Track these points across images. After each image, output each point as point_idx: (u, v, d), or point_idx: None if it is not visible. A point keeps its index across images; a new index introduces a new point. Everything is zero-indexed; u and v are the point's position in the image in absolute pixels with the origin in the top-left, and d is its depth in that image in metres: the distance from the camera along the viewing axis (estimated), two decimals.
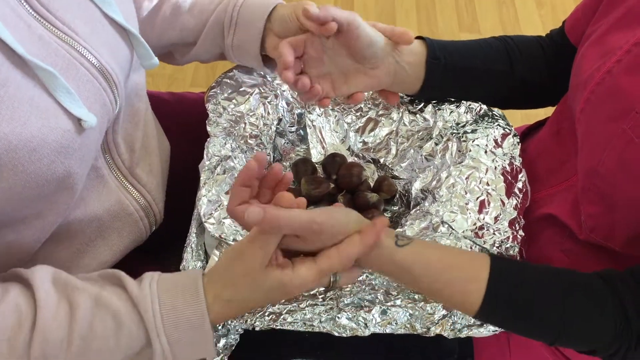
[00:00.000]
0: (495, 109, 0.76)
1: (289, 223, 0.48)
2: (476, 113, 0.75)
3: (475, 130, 0.73)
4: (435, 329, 0.60)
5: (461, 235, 0.64)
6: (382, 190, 0.75)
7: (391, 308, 0.60)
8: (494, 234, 0.65)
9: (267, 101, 0.76)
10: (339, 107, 0.81)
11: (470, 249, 0.64)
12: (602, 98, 0.59)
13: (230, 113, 0.73)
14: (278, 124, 0.78)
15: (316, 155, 0.81)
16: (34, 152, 0.46)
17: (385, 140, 0.80)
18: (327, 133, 0.81)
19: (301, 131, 0.81)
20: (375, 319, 0.60)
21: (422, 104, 0.78)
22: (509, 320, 0.56)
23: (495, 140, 0.72)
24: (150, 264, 0.74)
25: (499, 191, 0.67)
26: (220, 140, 0.70)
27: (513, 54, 0.74)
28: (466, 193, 0.67)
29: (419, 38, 0.72)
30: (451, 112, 0.75)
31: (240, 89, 0.75)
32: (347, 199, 0.74)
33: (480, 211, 0.66)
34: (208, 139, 0.70)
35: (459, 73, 0.73)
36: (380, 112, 0.80)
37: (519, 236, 0.65)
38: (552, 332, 0.54)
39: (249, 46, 0.69)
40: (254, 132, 0.73)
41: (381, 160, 0.80)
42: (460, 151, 0.72)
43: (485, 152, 0.70)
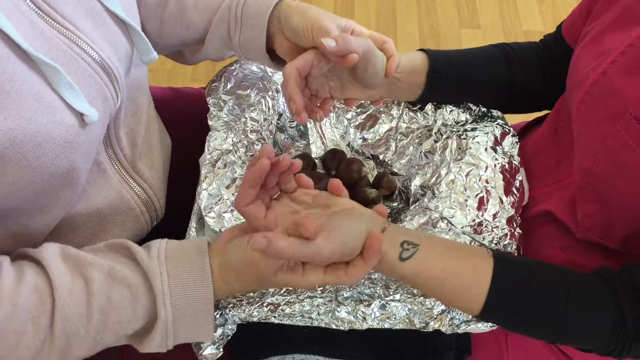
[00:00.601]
0: (493, 110, 0.77)
1: (292, 255, 0.50)
2: (475, 113, 0.76)
3: (475, 128, 0.74)
4: (434, 324, 0.60)
5: (460, 231, 0.65)
6: (382, 186, 0.75)
7: (390, 302, 0.61)
8: (492, 230, 0.66)
9: (268, 96, 0.76)
10: (339, 103, 0.81)
11: (470, 244, 0.64)
12: (597, 99, 0.59)
13: (231, 107, 0.73)
14: (278, 119, 0.78)
15: (316, 150, 0.81)
16: (39, 147, 0.46)
17: (385, 137, 0.80)
18: (327, 129, 0.81)
19: (301, 126, 0.82)
20: (374, 313, 0.60)
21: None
22: (511, 323, 0.58)
23: (495, 139, 0.72)
24: None
25: (498, 189, 0.68)
26: (222, 134, 0.70)
27: (512, 63, 0.75)
28: (465, 190, 0.68)
29: (421, 51, 0.74)
30: (451, 111, 0.76)
31: (241, 84, 0.75)
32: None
33: (479, 208, 0.67)
34: (209, 133, 0.70)
35: (459, 85, 0.74)
36: (381, 109, 0.80)
37: (516, 234, 0.66)
38: (553, 334, 0.55)
39: (256, 45, 0.69)
40: (254, 127, 0.73)
41: (380, 157, 0.80)
42: (460, 148, 0.72)
43: (486, 150, 0.71)
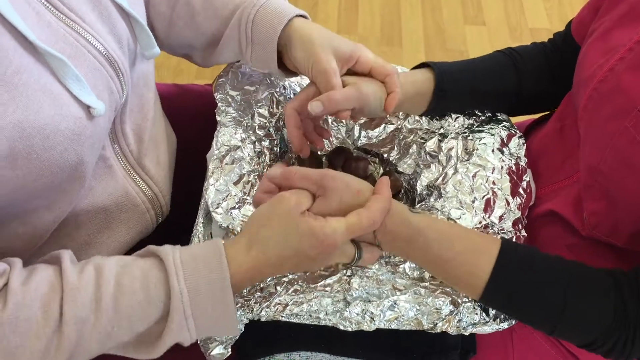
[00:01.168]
0: (499, 114, 0.77)
1: (303, 175, 0.55)
2: (481, 119, 0.76)
3: (482, 130, 0.74)
4: (442, 325, 0.60)
5: None
6: None
7: (398, 303, 0.60)
8: (498, 233, 0.66)
9: (275, 92, 0.75)
10: None
11: None
12: (605, 96, 0.59)
13: (239, 103, 0.73)
14: None
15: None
16: (47, 140, 0.46)
17: (390, 136, 0.80)
18: (333, 126, 0.81)
19: None
20: (382, 314, 0.60)
21: None
22: (512, 301, 0.57)
23: (502, 140, 0.72)
24: None
25: (505, 191, 0.68)
26: (230, 130, 0.69)
27: (520, 70, 0.74)
28: (472, 191, 0.68)
29: (426, 66, 0.73)
30: (456, 118, 0.76)
31: (249, 79, 0.75)
32: None
33: (485, 210, 0.66)
34: (218, 129, 0.69)
35: (466, 98, 0.74)
36: None
37: (521, 237, 0.66)
38: (552, 318, 0.55)
39: (267, 63, 0.68)
40: (262, 123, 0.72)
41: (385, 156, 0.80)
42: (466, 149, 0.72)
43: (493, 151, 0.71)
